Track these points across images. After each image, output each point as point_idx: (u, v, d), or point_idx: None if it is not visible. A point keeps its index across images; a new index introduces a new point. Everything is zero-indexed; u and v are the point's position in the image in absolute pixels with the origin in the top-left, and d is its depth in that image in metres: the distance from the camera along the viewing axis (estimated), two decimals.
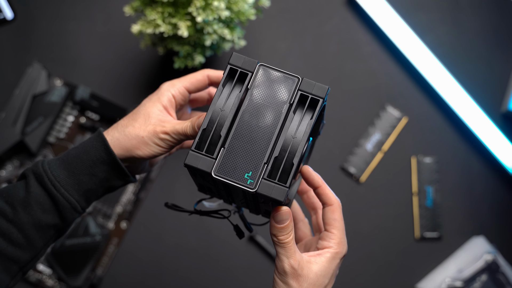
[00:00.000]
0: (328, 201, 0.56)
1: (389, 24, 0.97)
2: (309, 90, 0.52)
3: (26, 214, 0.55)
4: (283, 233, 0.52)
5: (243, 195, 0.53)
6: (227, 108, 0.52)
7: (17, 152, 0.91)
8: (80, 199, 0.56)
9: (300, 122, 0.52)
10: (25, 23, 0.95)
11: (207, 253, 0.92)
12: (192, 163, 0.50)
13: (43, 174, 0.55)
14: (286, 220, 0.52)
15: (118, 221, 0.91)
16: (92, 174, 0.56)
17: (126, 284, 0.90)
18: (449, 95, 0.96)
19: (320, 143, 0.96)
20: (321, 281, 0.53)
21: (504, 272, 0.92)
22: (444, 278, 0.92)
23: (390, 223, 0.95)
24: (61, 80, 0.93)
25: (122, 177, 0.58)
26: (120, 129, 0.58)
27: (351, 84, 0.98)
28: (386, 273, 0.94)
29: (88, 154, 0.56)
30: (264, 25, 0.98)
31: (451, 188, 0.96)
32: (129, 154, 0.57)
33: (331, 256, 0.54)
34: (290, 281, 0.52)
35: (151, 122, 0.58)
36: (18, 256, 0.55)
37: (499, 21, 1.00)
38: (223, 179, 0.50)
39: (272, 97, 0.52)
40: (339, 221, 0.55)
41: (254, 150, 0.51)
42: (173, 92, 0.60)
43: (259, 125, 0.51)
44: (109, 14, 0.96)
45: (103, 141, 0.57)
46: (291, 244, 0.53)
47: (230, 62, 0.53)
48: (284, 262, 0.52)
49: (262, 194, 0.49)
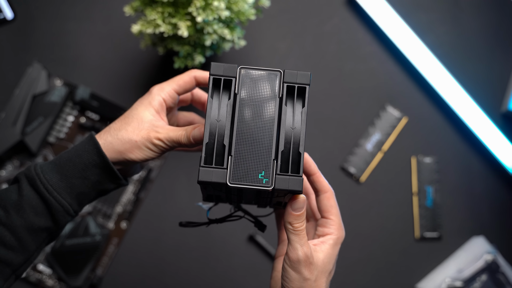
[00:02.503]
0: (323, 189, 0.58)
1: (389, 24, 0.97)
2: (294, 80, 0.53)
3: (18, 217, 0.55)
4: (298, 220, 0.54)
5: (256, 194, 0.54)
6: (222, 117, 0.52)
7: (17, 152, 0.91)
8: (72, 202, 0.57)
9: (294, 112, 0.53)
10: (25, 23, 0.95)
11: (207, 253, 0.92)
12: (206, 179, 0.51)
13: (36, 177, 0.56)
14: (303, 208, 0.54)
15: (118, 221, 0.91)
16: (84, 177, 0.57)
17: (126, 284, 0.90)
18: (449, 95, 0.96)
19: (320, 143, 0.96)
20: (327, 268, 0.55)
21: (504, 272, 0.92)
22: (444, 278, 0.92)
23: (390, 223, 0.95)
24: (61, 80, 0.93)
25: (114, 180, 0.59)
26: (112, 133, 0.58)
27: (351, 84, 0.98)
28: (386, 273, 0.94)
29: (80, 158, 0.57)
30: (264, 25, 0.98)
31: (451, 188, 0.96)
32: (121, 158, 0.58)
33: (334, 242, 0.56)
34: (303, 270, 0.54)
35: (144, 126, 0.58)
36: (11, 259, 0.55)
37: (499, 21, 1.00)
38: (239, 186, 0.51)
39: (261, 95, 0.53)
40: (335, 207, 0.57)
41: (260, 150, 0.52)
42: (163, 96, 0.60)
43: (257, 125, 0.52)
44: (109, 14, 0.96)
45: (95, 144, 0.57)
46: (305, 232, 0.54)
47: (211, 72, 0.53)
48: (298, 250, 0.53)
49: (280, 189, 0.51)
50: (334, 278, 0.59)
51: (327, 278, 0.56)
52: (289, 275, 0.54)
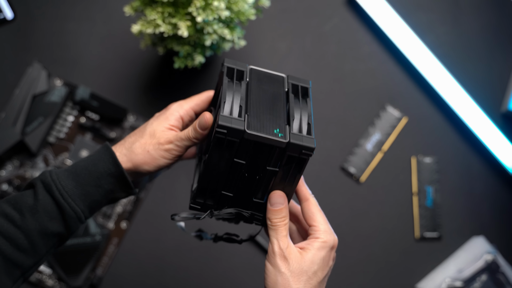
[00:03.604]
0: (303, 197, 0.59)
1: (389, 24, 0.97)
2: (297, 82, 0.59)
3: (33, 221, 0.57)
4: (276, 216, 0.56)
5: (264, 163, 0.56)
6: (237, 88, 0.56)
7: (17, 152, 0.91)
8: (85, 209, 0.59)
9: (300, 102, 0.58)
10: (25, 23, 0.95)
11: (207, 253, 0.92)
12: (226, 123, 0.52)
13: (52, 183, 0.58)
14: (280, 204, 0.57)
15: (118, 221, 0.91)
16: (98, 185, 0.59)
17: (126, 284, 0.90)
18: (449, 95, 0.96)
19: (320, 143, 0.96)
20: (308, 266, 0.55)
21: (504, 272, 0.92)
22: (444, 278, 0.92)
23: (390, 223, 0.95)
24: (61, 80, 0.93)
25: (126, 190, 0.61)
26: (127, 146, 0.61)
27: (351, 84, 0.98)
28: (386, 273, 0.94)
29: (96, 166, 0.59)
30: (264, 25, 0.98)
31: (451, 188, 0.96)
32: (135, 169, 0.61)
33: (320, 245, 0.56)
34: (278, 262, 0.55)
35: (155, 136, 0.61)
36: (22, 261, 0.57)
37: (499, 21, 1.00)
38: (257, 135, 0.53)
39: (270, 86, 0.58)
40: (317, 213, 0.58)
41: (273, 116, 0.55)
42: (181, 113, 0.63)
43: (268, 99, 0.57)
44: (109, 14, 0.96)
45: (111, 154, 0.60)
46: (283, 228, 0.56)
47: (225, 63, 0.58)
48: (274, 244, 0.56)
49: (295, 144, 0.53)
50: (334, 278, 0.59)
51: (309, 278, 0.55)
52: (267, 269, 0.56)
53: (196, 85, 0.96)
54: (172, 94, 0.95)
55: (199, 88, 0.95)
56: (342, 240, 0.94)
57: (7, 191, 0.90)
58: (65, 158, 0.92)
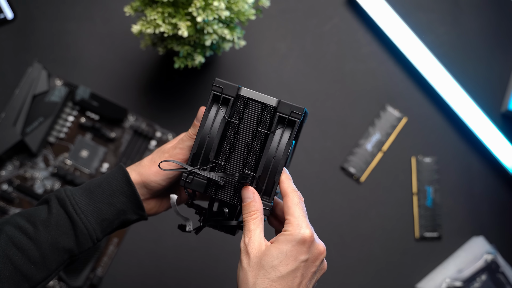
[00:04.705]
0: (283, 193, 0.59)
1: (389, 24, 0.97)
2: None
3: (46, 233, 0.58)
4: (245, 211, 0.57)
5: None
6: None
7: (17, 152, 0.91)
8: (96, 227, 0.60)
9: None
10: (25, 23, 0.95)
11: (207, 253, 0.92)
12: (222, 80, 0.57)
13: (66, 199, 0.59)
14: (248, 198, 0.57)
15: None
16: (110, 203, 0.60)
17: (126, 284, 0.90)
18: (449, 95, 0.96)
19: (320, 143, 0.96)
20: (267, 260, 0.54)
21: (504, 272, 0.92)
22: (444, 278, 0.92)
23: (390, 223, 0.95)
24: (61, 80, 0.93)
25: (137, 211, 0.62)
26: (140, 167, 0.63)
27: (351, 84, 0.98)
28: (386, 273, 0.94)
29: (110, 184, 0.61)
30: (264, 25, 0.98)
31: (451, 188, 0.96)
32: (143, 181, 0.62)
33: (283, 238, 0.55)
34: (242, 257, 0.56)
35: (163, 151, 0.63)
36: (32, 275, 0.58)
37: (499, 21, 1.00)
38: (251, 91, 0.57)
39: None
40: (291, 207, 0.57)
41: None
42: None
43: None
44: (109, 14, 0.96)
45: (124, 173, 0.61)
46: (250, 223, 0.56)
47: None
48: (241, 239, 0.57)
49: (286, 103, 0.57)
50: (334, 278, 0.59)
51: (266, 273, 0.54)
52: (238, 264, 0.57)
53: (196, 85, 0.96)
54: (172, 94, 0.95)
55: (199, 88, 0.96)
56: (342, 240, 0.95)
57: (7, 191, 0.90)
58: (65, 158, 0.92)
